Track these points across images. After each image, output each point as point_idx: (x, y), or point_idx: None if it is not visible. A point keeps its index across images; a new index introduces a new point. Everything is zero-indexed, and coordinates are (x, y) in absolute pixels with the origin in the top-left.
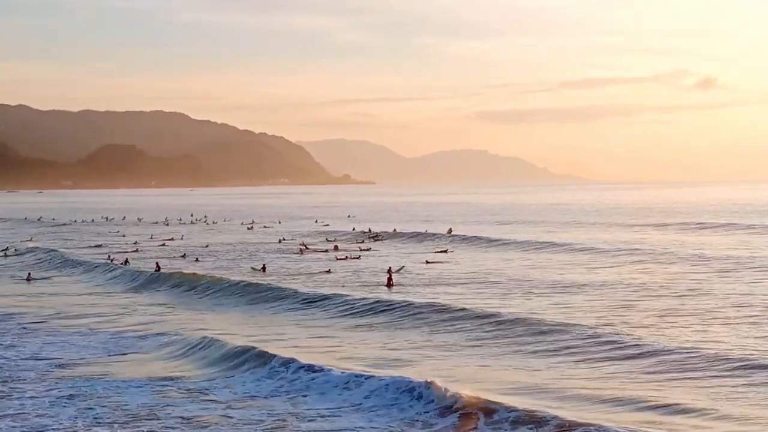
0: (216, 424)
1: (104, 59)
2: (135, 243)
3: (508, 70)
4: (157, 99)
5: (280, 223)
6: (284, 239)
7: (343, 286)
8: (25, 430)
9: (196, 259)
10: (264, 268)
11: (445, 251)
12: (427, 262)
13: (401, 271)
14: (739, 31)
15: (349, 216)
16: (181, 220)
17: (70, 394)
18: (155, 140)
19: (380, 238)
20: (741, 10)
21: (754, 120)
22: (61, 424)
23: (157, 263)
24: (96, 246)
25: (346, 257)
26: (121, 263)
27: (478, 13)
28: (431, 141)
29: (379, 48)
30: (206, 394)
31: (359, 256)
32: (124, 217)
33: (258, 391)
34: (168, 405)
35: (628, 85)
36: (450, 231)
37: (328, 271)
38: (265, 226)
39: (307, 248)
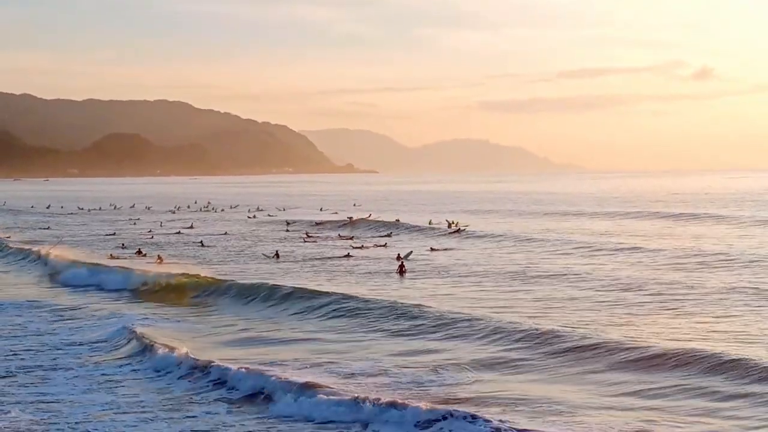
0: None
1: (107, 49)
2: (149, 231)
3: (509, 60)
4: (161, 88)
5: (284, 210)
6: (289, 225)
7: (355, 279)
8: None
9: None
10: (277, 255)
11: (458, 230)
12: (432, 249)
13: (409, 257)
14: (735, 23)
15: (354, 204)
16: (189, 207)
17: None
18: (159, 129)
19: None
20: (737, 2)
21: (750, 110)
22: None
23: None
24: (109, 234)
25: (362, 246)
26: (135, 253)
27: (477, 4)
28: (433, 131)
29: (380, 39)
30: None
31: (385, 244)
32: (133, 205)
33: None
34: None
35: (625, 75)
36: (455, 223)
37: (348, 256)
38: (269, 215)
39: (309, 236)
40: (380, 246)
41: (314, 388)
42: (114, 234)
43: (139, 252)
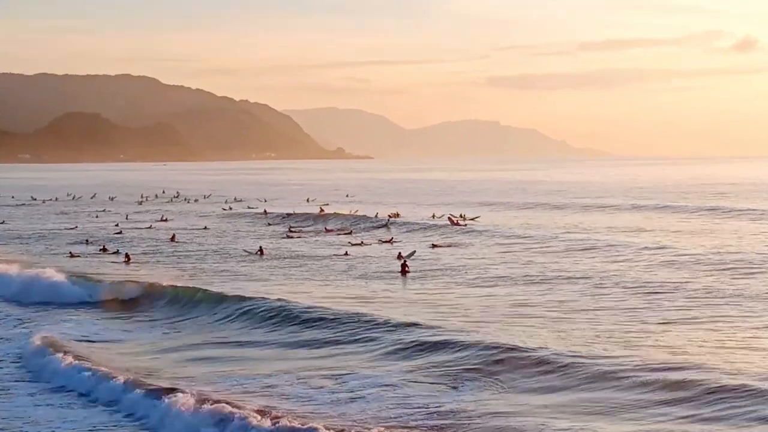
0: None
1: (62, 16)
2: (116, 225)
3: (520, 29)
4: (124, 61)
5: (265, 202)
6: (269, 214)
7: (351, 282)
8: None
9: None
10: (261, 251)
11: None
12: (434, 246)
13: (413, 257)
14: None
15: (347, 196)
16: (157, 197)
17: None
18: (122, 108)
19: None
20: None
21: None
22: None
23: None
24: (69, 228)
25: (362, 242)
26: (100, 250)
27: None
28: (434, 110)
29: (373, 5)
30: None
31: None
32: (94, 195)
33: None
34: None
35: (654, 47)
36: (462, 216)
37: (346, 254)
38: (249, 207)
39: (293, 230)
40: (385, 242)
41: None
42: (75, 228)
43: (104, 249)
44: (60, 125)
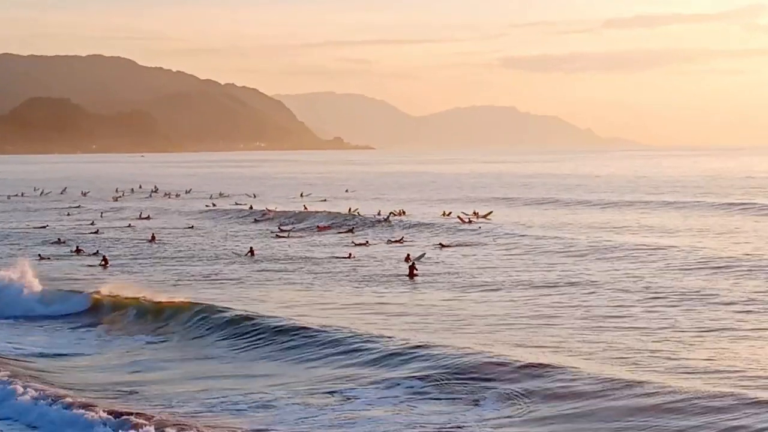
0: None
1: None
2: (92, 223)
3: (539, 4)
4: (95, 40)
5: (255, 197)
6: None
7: (352, 288)
8: None
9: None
10: (252, 252)
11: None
12: (441, 246)
13: (422, 259)
14: None
15: (347, 191)
16: (133, 191)
17: None
18: (94, 92)
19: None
20: None
21: None
22: None
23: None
24: (41, 227)
25: (366, 242)
26: (74, 251)
27: None
28: (444, 95)
29: None
30: None
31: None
32: (64, 190)
33: None
34: None
35: (690, 24)
36: (474, 214)
37: (350, 256)
38: (237, 203)
39: (283, 230)
40: (395, 241)
41: None
42: (45, 227)
43: (78, 250)
44: (24, 112)
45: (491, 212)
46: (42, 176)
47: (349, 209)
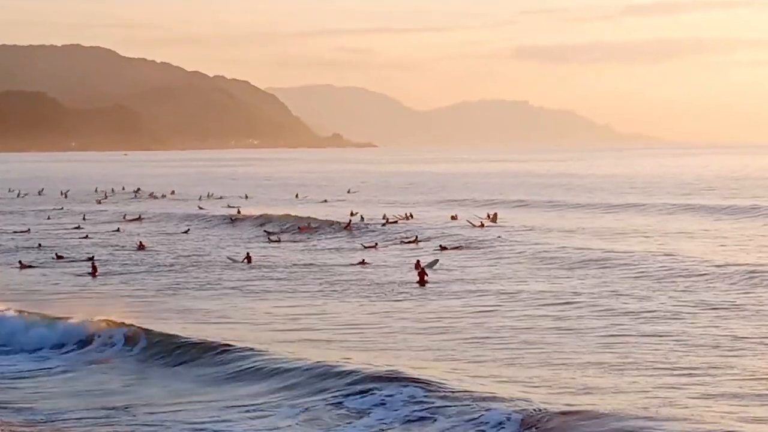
0: None
1: None
2: (78, 227)
3: None
4: (73, 28)
5: (247, 198)
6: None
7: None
8: None
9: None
10: (249, 258)
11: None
12: (442, 248)
13: (435, 266)
14: None
15: (349, 191)
16: (113, 191)
17: None
18: (72, 86)
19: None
20: None
21: None
22: None
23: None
24: (20, 232)
25: (375, 245)
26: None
27: None
28: (450, 88)
29: None
30: None
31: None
32: (41, 191)
33: None
34: None
35: (716, 10)
36: (490, 217)
37: (363, 262)
38: (230, 205)
39: (271, 234)
40: (409, 242)
41: None
42: (27, 231)
43: (59, 257)
44: None
45: (495, 213)
46: (16, 176)
47: (351, 212)
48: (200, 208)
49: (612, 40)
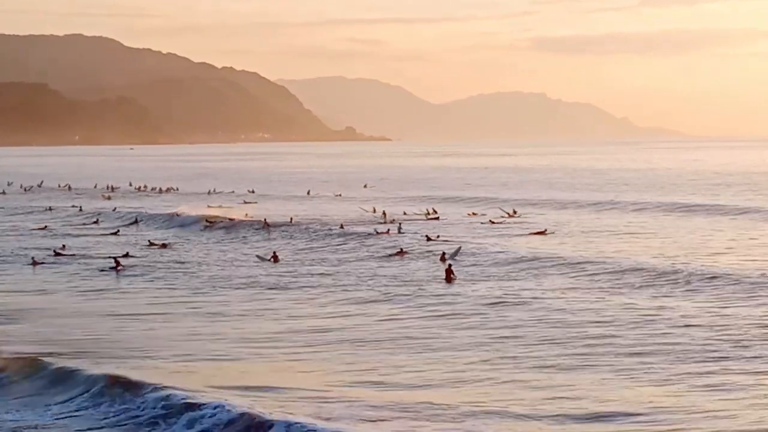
0: None
1: None
2: (95, 221)
3: None
4: (76, 18)
5: (253, 192)
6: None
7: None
8: None
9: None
10: (275, 257)
11: (543, 232)
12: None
13: (458, 255)
14: None
15: (365, 186)
16: (116, 187)
17: None
18: (75, 77)
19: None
20: None
21: None
22: None
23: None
24: (37, 229)
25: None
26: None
27: None
28: (465, 80)
29: None
30: None
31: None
32: (41, 183)
33: None
34: None
35: (737, 1)
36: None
37: (400, 252)
38: (246, 201)
39: (267, 224)
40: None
41: None
42: (44, 228)
43: (58, 253)
44: None
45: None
46: (18, 171)
47: (373, 209)
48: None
49: (630, 31)
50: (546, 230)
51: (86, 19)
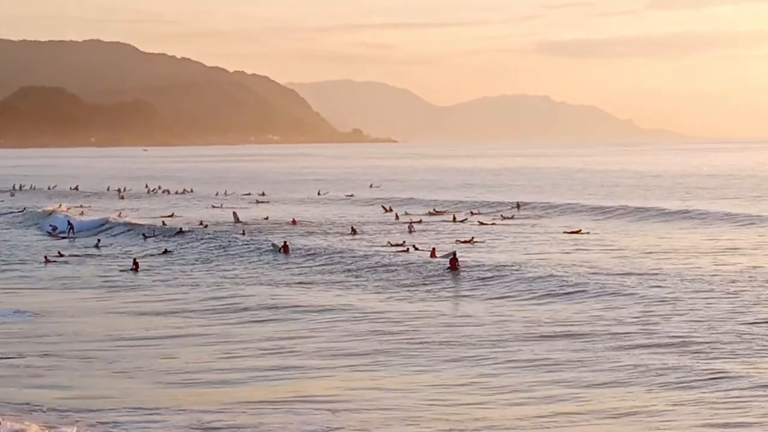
0: None
1: None
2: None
3: None
4: (93, 24)
5: (263, 195)
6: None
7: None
8: None
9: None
10: (286, 248)
11: (578, 231)
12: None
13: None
14: None
15: (371, 186)
16: (128, 189)
17: None
18: (92, 81)
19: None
20: None
21: None
22: None
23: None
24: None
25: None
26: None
27: None
28: (471, 83)
29: None
30: None
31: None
32: (55, 186)
33: None
34: None
35: (742, 3)
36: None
37: (405, 247)
38: (259, 200)
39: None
40: (464, 242)
41: None
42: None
43: (59, 255)
44: (15, 102)
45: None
46: (38, 172)
47: (384, 208)
48: (220, 206)
49: (635, 35)
50: (581, 230)
51: (104, 25)
